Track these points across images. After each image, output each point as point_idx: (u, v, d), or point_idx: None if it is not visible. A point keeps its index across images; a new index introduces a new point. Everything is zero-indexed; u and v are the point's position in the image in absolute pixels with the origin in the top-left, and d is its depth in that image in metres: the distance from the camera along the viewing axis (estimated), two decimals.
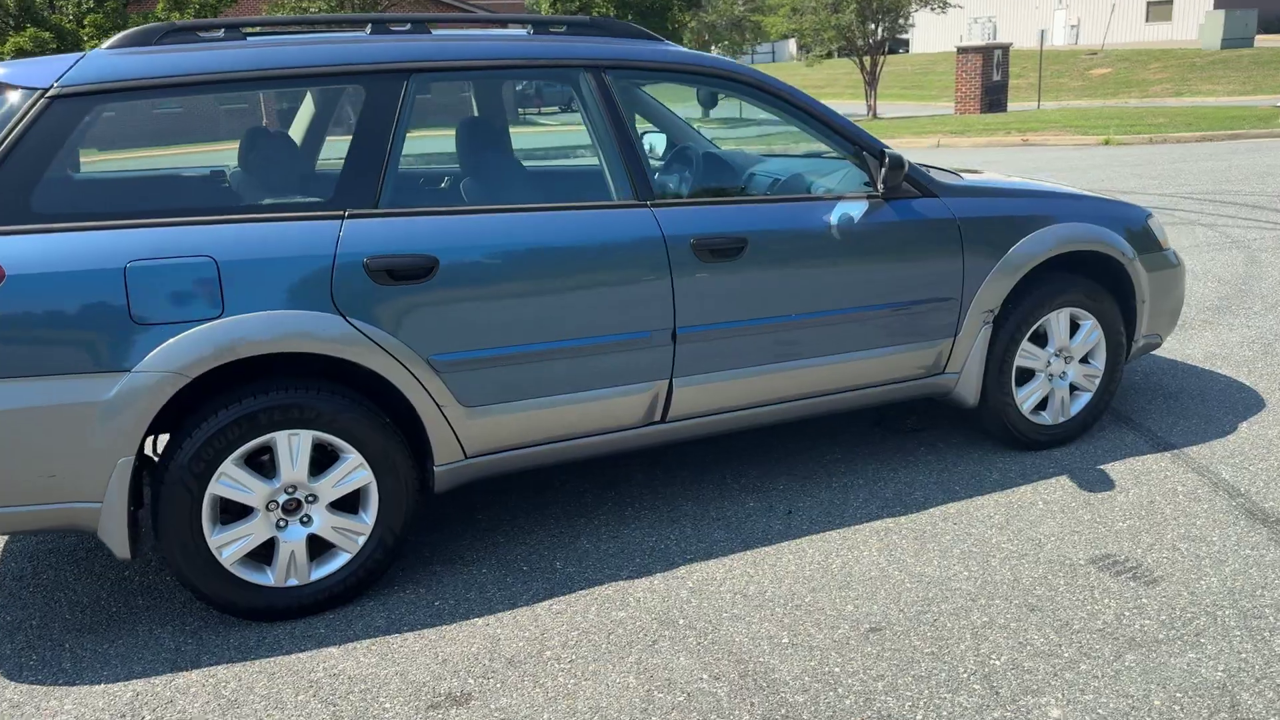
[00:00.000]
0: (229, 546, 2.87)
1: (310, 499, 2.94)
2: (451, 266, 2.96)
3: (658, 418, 3.36)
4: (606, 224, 3.17)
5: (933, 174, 3.98)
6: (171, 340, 2.65)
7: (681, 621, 2.91)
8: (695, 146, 4.12)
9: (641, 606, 3.00)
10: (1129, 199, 4.63)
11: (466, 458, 3.11)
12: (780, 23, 38.60)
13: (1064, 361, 4.01)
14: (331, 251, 2.82)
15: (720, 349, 3.37)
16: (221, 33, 2.99)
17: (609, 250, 3.16)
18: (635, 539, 3.43)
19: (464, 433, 3.06)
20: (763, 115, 3.62)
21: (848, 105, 39.60)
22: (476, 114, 3.63)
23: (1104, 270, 4.04)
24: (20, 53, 18.79)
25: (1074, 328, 4.00)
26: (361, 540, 3.02)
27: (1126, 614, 2.86)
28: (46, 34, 19.19)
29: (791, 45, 44.20)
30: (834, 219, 3.47)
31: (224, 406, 2.80)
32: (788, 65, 59.49)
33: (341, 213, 2.89)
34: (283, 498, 2.90)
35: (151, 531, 3.21)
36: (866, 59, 30.51)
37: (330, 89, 2.98)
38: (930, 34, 49.90)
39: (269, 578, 2.95)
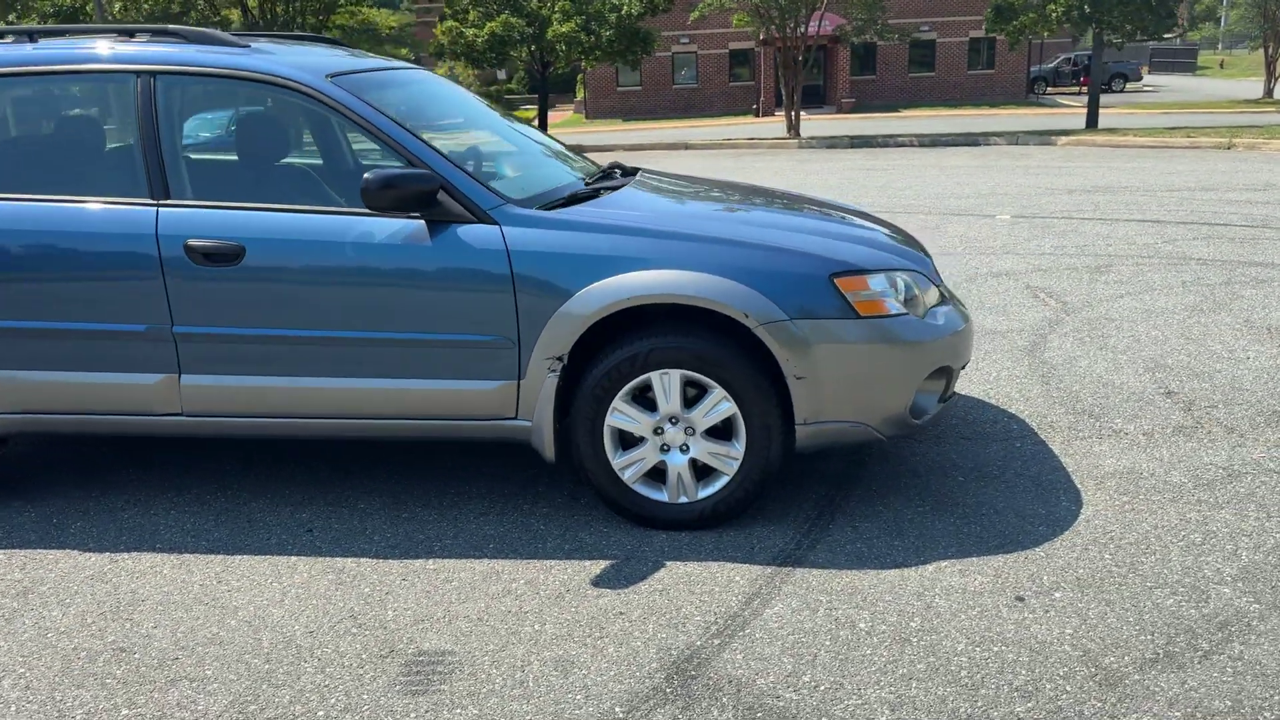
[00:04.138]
0: None
1: None
2: None
3: (177, 410, 3.52)
4: (106, 219, 3.39)
5: (603, 192, 3.57)
6: None
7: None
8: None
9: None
10: None
11: None
12: None
13: (684, 433, 3.36)
14: None
15: (229, 353, 3.42)
16: None
17: (104, 244, 3.38)
18: (152, 524, 3.64)
19: None
20: None
21: None
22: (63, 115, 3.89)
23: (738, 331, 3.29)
24: (492, 36, 22.05)
25: (701, 393, 3.33)
26: None
27: (306, 700, 2.52)
28: (518, 20, 22.23)
29: None
30: (351, 236, 3.32)
31: None
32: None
33: None
34: None
35: None
36: None
37: None
38: None
39: None
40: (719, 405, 3.29)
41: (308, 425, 3.50)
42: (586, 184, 3.87)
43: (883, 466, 3.92)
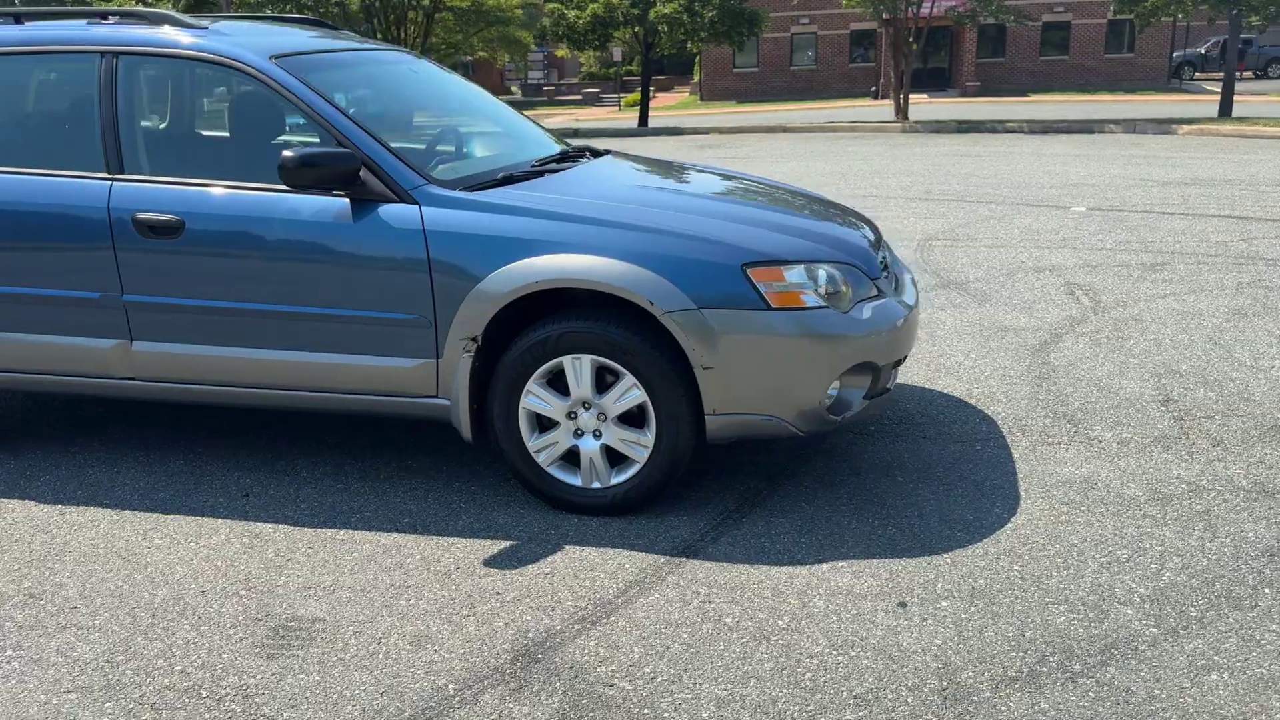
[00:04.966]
0: None
1: None
2: None
3: (130, 374, 3.71)
4: (68, 192, 3.59)
5: (519, 176, 3.60)
6: None
7: None
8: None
9: None
10: None
11: None
12: None
13: (597, 418, 3.36)
14: None
15: (173, 322, 3.58)
16: None
17: (59, 215, 3.58)
18: (110, 481, 3.85)
19: None
20: None
21: None
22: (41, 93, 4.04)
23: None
24: (594, 18, 22.15)
25: (615, 379, 3.32)
26: None
27: (170, 655, 2.65)
28: (621, 0, 22.25)
29: None
30: (280, 213, 3.43)
31: None
32: None
33: None
34: None
35: None
36: None
37: None
38: None
39: None
40: (630, 392, 3.28)
41: (246, 395, 3.64)
42: (533, 166, 3.88)
43: (824, 462, 3.83)
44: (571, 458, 3.42)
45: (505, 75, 58.89)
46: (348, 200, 3.38)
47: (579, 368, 3.29)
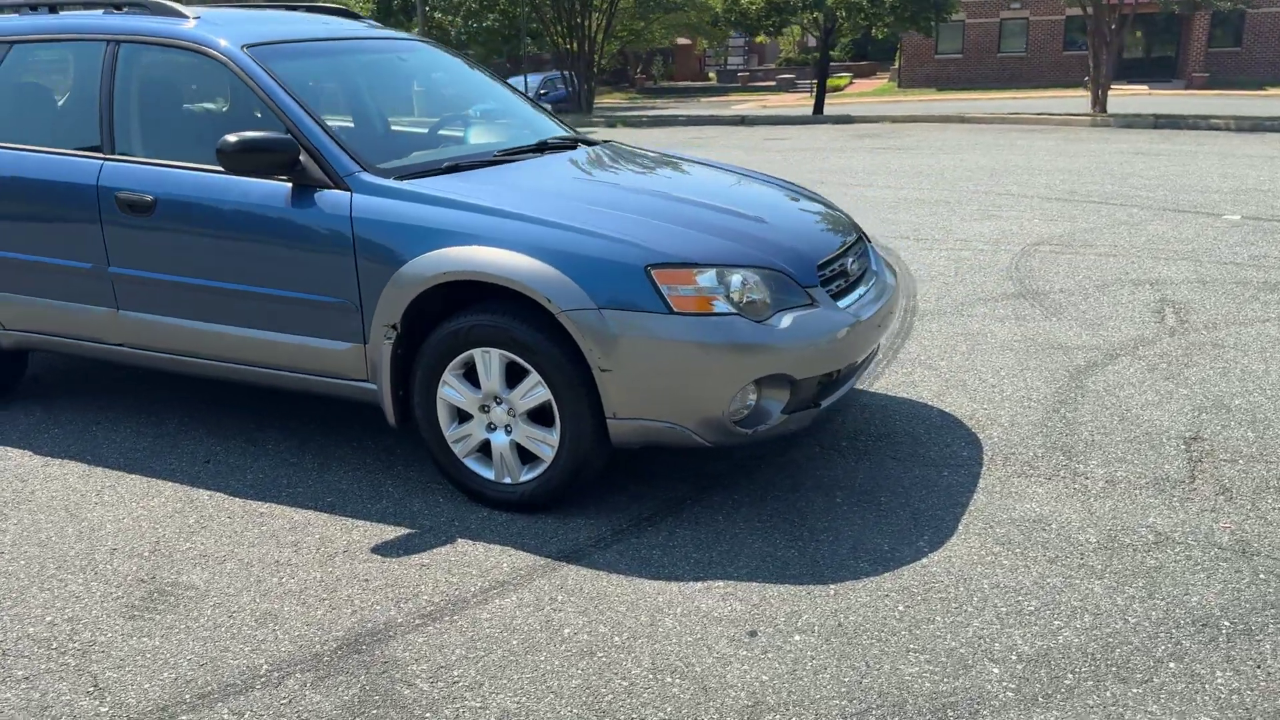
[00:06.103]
0: None
1: None
2: None
3: (121, 341, 4.00)
4: (71, 169, 3.89)
5: (447, 166, 3.64)
6: None
7: None
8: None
9: None
10: None
11: (4, 329, 4.22)
12: None
13: (508, 413, 3.36)
14: None
15: (151, 294, 3.83)
16: None
17: (67, 191, 3.89)
18: (105, 439, 4.16)
19: None
20: None
21: None
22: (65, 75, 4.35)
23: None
24: (767, 3, 21.75)
25: (525, 375, 3.30)
26: None
27: (50, 604, 2.85)
28: None
29: None
30: (233, 195, 3.60)
31: None
32: None
33: None
34: None
35: None
36: None
37: None
38: None
39: None
40: (535, 390, 3.24)
41: (213, 368, 3.83)
42: (495, 156, 3.88)
43: (768, 473, 3.66)
44: (488, 451, 3.42)
45: (704, 61, 59.00)
46: (290, 185, 3.49)
47: (488, 362, 3.28)
